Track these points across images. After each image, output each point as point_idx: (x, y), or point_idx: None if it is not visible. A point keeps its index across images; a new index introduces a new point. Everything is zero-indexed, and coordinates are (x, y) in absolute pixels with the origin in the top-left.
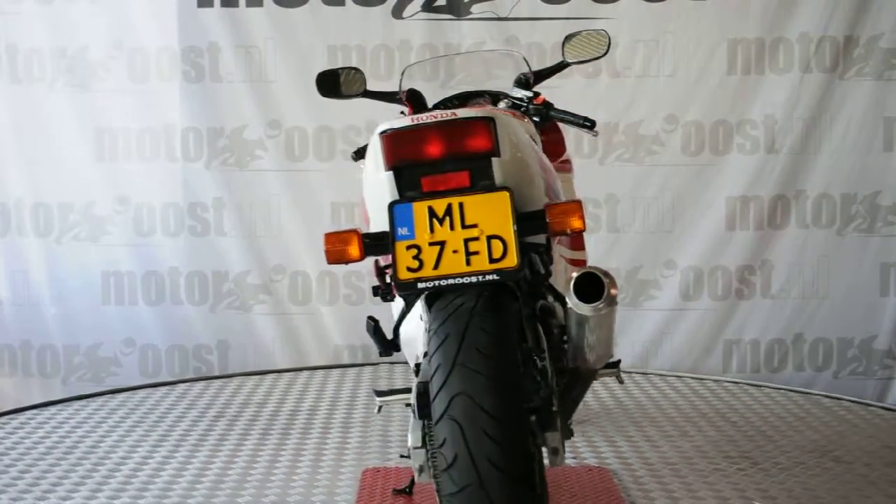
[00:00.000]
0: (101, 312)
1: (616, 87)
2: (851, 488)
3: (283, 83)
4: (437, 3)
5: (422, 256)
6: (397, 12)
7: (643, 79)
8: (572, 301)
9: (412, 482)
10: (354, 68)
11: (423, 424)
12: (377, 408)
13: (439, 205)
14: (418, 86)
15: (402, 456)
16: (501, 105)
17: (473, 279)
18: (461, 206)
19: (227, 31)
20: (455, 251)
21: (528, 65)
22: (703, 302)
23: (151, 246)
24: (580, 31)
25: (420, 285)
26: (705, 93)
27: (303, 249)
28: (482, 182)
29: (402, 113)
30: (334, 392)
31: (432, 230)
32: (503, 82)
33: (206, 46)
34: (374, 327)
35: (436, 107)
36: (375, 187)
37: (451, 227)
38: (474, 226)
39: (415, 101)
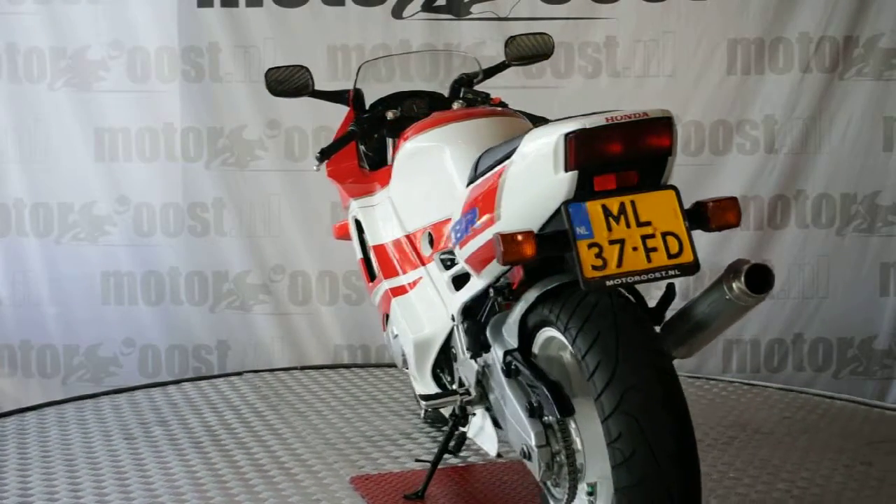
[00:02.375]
0: (101, 312)
1: (616, 87)
2: (789, 453)
3: None
4: (437, 3)
5: (604, 255)
6: (397, 12)
7: (643, 79)
8: (737, 288)
9: (424, 486)
10: (302, 66)
11: (542, 422)
12: (423, 412)
13: (612, 203)
14: (417, 85)
15: (417, 460)
16: (455, 105)
17: (657, 275)
18: (633, 203)
19: (226, 31)
20: (635, 248)
21: (479, 65)
22: None
23: (151, 246)
24: (523, 34)
25: (608, 283)
26: (705, 93)
27: (303, 249)
28: (647, 180)
29: (386, 114)
30: (283, 397)
31: (609, 228)
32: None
33: (206, 46)
34: (476, 329)
35: (374, 107)
36: (537, 185)
37: (628, 225)
38: (648, 223)
39: (357, 101)
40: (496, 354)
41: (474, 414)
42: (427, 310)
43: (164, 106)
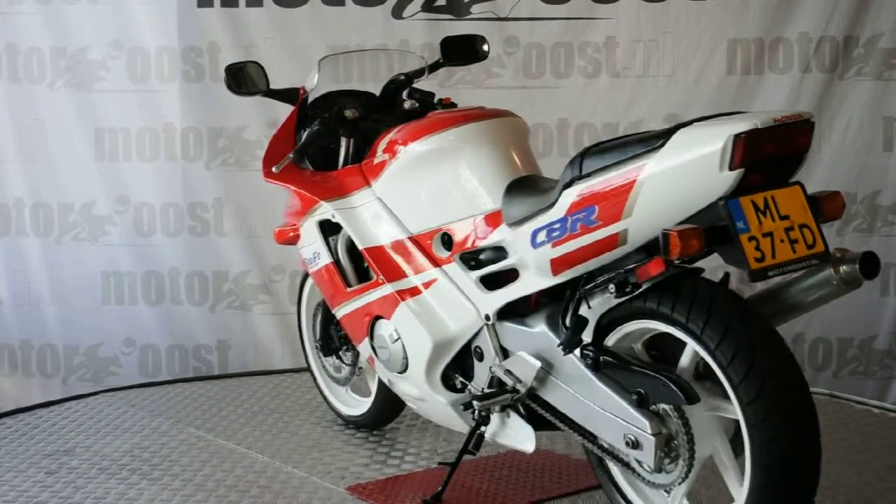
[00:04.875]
0: (101, 312)
1: (616, 87)
2: None
3: (283, 83)
4: (437, 3)
5: (761, 247)
6: (397, 12)
7: (643, 79)
8: (844, 273)
9: (442, 489)
10: (257, 63)
11: (652, 413)
12: (475, 412)
13: (759, 199)
14: (417, 85)
15: (440, 464)
16: (407, 105)
17: (802, 264)
18: (773, 199)
19: (227, 31)
20: (782, 241)
21: (426, 63)
22: None
23: (151, 246)
24: (460, 35)
25: (770, 273)
26: (705, 93)
27: None
28: (778, 177)
29: (345, 113)
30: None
31: (760, 222)
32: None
33: (206, 46)
34: (582, 324)
35: (315, 105)
36: (692, 183)
37: (773, 219)
38: (787, 217)
39: (304, 100)
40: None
41: (493, 413)
42: (449, 310)
43: (164, 106)
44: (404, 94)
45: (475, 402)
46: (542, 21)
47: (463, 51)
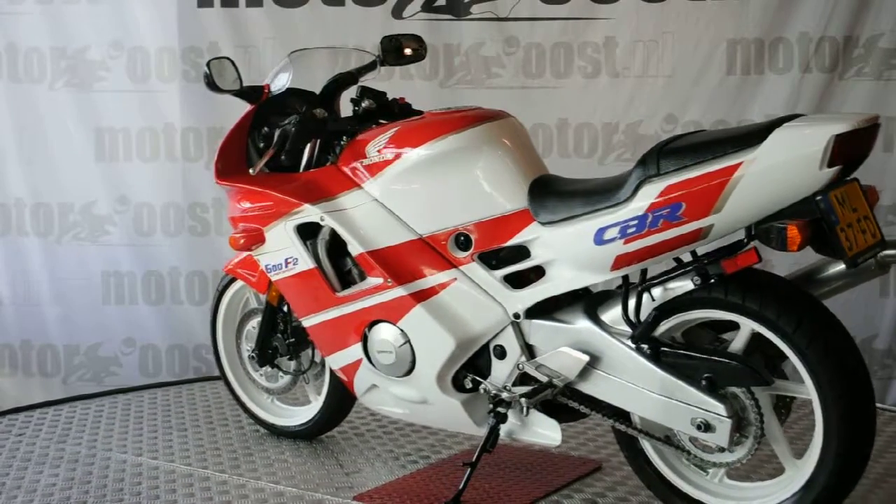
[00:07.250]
0: (101, 312)
1: (616, 87)
2: None
3: None
4: (437, 4)
5: (848, 237)
6: (397, 12)
7: (642, 79)
8: (882, 259)
9: (462, 488)
10: (230, 60)
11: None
12: (524, 409)
13: (839, 194)
14: (417, 85)
15: (464, 464)
16: (365, 104)
17: (872, 252)
18: (846, 194)
19: (227, 31)
20: (857, 231)
21: (379, 60)
22: None
23: (151, 246)
24: (399, 34)
25: (859, 260)
26: (705, 93)
27: None
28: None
29: (315, 112)
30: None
31: (843, 215)
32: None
33: (207, 46)
34: (657, 317)
35: (270, 107)
36: (793, 179)
37: (849, 212)
38: (856, 209)
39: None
40: (625, 341)
41: (507, 410)
42: (471, 309)
43: (164, 106)
44: (356, 92)
45: (523, 400)
46: (542, 21)
47: (403, 49)
